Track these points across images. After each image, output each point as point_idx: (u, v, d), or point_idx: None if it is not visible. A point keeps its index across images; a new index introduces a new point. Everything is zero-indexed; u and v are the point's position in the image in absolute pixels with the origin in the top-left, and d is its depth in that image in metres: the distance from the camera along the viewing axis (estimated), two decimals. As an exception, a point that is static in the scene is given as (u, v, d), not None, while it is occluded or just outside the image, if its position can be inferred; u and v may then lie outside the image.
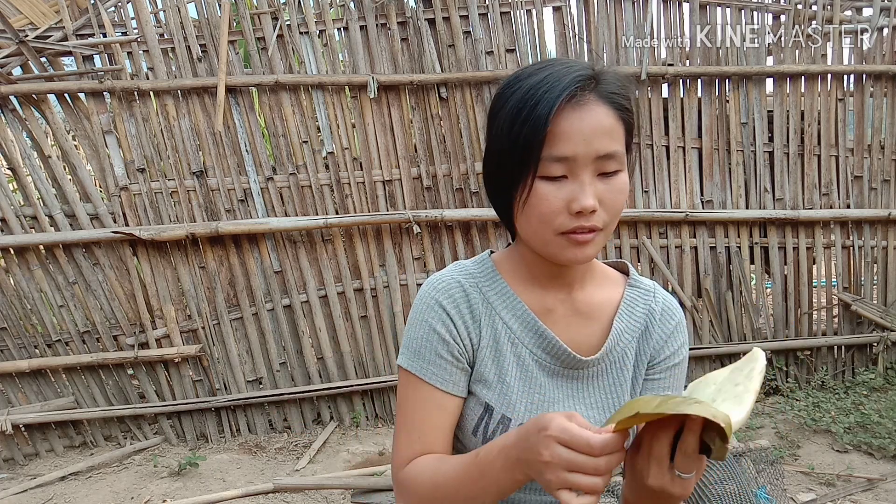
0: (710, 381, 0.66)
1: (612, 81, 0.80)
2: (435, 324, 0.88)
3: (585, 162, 0.78)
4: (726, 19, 3.46)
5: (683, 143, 3.54)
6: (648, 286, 0.97)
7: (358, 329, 3.40)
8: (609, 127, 0.78)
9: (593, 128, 0.77)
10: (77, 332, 3.17)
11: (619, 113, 0.80)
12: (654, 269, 3.55)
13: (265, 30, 3.15)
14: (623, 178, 0.81)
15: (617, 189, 0.80)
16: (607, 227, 0.81)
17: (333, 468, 2.95)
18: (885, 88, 3.62)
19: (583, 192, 0.77)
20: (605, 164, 0.78)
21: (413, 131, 3.36)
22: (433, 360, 0.88)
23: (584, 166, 0.78)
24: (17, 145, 3.03)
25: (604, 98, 0.79)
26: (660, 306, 0.94)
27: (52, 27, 2.97)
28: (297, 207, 3.28)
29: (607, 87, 0.80)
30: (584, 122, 0.77)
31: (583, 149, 0.77)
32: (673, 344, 0.94)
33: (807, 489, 2.60)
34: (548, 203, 0.79)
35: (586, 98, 0.78)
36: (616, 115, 0.79)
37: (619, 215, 0.83)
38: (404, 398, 0.90)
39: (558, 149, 0.77)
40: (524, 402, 0.90)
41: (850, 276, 3.75)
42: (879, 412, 3.09)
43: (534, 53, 3.37)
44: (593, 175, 0.79)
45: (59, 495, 2.79)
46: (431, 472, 0.82)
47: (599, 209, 0.79)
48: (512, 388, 0.90)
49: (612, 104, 0.79)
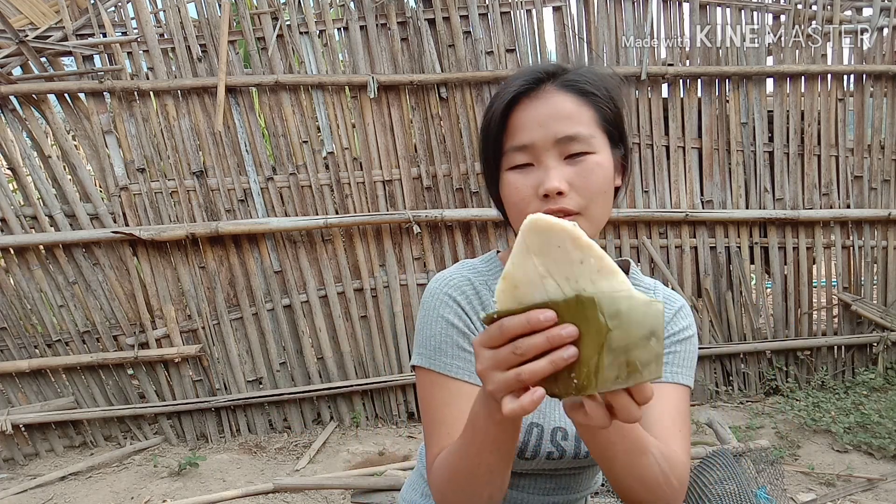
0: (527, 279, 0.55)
1: (577, 73, 0.83)
2: (451, 318, 0.88)
3: (546, 146, 0.80)
4: (726, 19, 3.46)
5: (683, 143, 3.54)
6: (649, 283, 0.97)
7: (358, 329, 3.40)
8: (568, 111, 0.80)
9: (549, 113, 0.80)
10: (77, 332, 3.17)
11: (584, 98, 0.81)
12: (654, 269, 3.55)
13: (265, 30, 3.15)
14: (594, 159, 0.80)
15: (587, 170, 0.80)
16: (585, 210, 0.80)
17: (333, 468, 2.95)
18: (885, 88, 3.62)
19: (547, 175, 0.79)
20: (567, 147, 0.80)
21: (413, 131, 3.36)
22: (456, 353, 0.87)
23: (545, 151, 0.80)
24: (17, 145, 3.03)
25: (563, 87, 0.81)
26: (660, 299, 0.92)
27: (52, 27, 2.97)
28: (297, 207, 3.28)
29: (568, 77, 0.82)
30: (538, 109, 0.81)
31: (540, 134, 0.80)
32: (676, 324, 0.93)
33: (807, 489, 2.60)
34: (517, 191, 0.82)
35: (544, 89, 0.82)
36: (578, 101, 0.81)
37: (597, 198, 0.80)
38: (429, 398, 0.87)
39: (518, 138, 0.81)
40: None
41: (850, 276, 3.75)
42: (879, 412, 3.09)
43: (534, 53, 3.37)
44: (558, 159, 0.80)
45: (59, 495, 2.79)
46: (445, 454, 0.81)
47: (571, 192, 0.79)
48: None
49: (574, 90, 0.81)
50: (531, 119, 0.80)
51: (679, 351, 0.92)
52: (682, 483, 0.80)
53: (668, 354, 0.91)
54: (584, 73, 0.83)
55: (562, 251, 0.53)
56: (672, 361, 0.91)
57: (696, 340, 0.95)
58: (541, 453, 0.89)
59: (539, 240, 0.54)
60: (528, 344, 0.53)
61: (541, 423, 0.90)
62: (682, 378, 0.90)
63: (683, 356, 0.92)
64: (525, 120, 0.81)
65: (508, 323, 0.54)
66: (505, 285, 0.55)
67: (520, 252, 0.54)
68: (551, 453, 0.89)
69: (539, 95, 0.81)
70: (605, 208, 0.84)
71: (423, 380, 0.89)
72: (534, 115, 0.80)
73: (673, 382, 0.89)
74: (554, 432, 0.90)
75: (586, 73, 0.83)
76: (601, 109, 0.82)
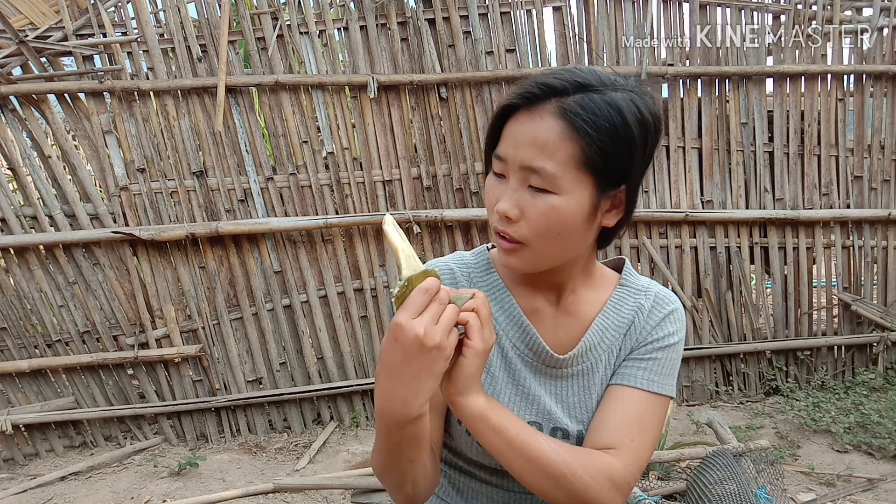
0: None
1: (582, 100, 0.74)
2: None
3: (513, 167, 0.77)
4: (726, 19, 3.46)
5: (683, 143, 3.54)
6: (641, 285, 0.94)
7: (358, 329, 3.40)
8: (543, 140, 0.74)
9: (526, 136, 0.75)
10: (77, 332, 3.17)
11: (574, 133, 0.73)
12: (654, 269, 3.55)
13: (265, 30, 3.15)
14: (552, 200, 0.75)
15: (539, 208, 0.75)
16: (531, 244, 0.78)
17: (333, 468, 2.95)
18: (885, 88, 3.62)
19: (503, 194, 0.78)
20: (530, 177, 0.76)
21: (413, 131, 3.36)
22: None
23: (512, 171, 0.78)
24: (17, 145, 3.03)
25: (558, 112, 0.74)
26: (651, 301, 0.92)
27: (52, 27, 2.97)
28: (297, 207, 3.28)
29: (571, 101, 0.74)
30: (522, 126, 0.76)
31: (511, 152, 0.77)
32: (660, 330, 0.90)
33: (807, 489, 2.60)
34: (488, 196, 0.83)
35: (541, 107, 0.75)
36: (564, 133, 0.73)
37: (546, 237, 0.77)
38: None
39: (499, 147, 0.80)
40: (508, 392, 0.90)
41: (850, 276, 3.75)
42: (879, 412, 3.09)
43: (534, 53, 3.38)
44: (521, 183, 0.77)
45: (59, 495, 2.79)
46: (375, 445, 0.86)
47: (521, 220, 0.77)
48: (497, 378, 0.90)
49: (566, 119, 0.73)
50: (513, 134, 0.78)
51: (659, 358, 0.89)
52: (617, 487, 0.80)
53: (647, 361, 0.88)
54: (588, 104, 0.73)
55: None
56: (650, 368, 0.88)
57: (681, 346, 0.92)
58: None
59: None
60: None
61: (540, 422, 0.90)
62: (656, 387, 0.87)
63: (663, 363, 0.89)
64: (509, 132, 0.79)
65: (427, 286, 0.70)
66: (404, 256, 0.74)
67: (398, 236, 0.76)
68: None
69: (532, 112, 0.76)
70: (559, 249, 0.80)
71: None
72: (516, 131, 0.77)
73: (644, 390, 0.87)
74: (553, 432, 0.90)
75: (592, 103, 0.73)
76: (587, 150, 0.73)
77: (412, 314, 0.68)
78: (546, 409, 0.90)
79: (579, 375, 0.91)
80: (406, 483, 0.83)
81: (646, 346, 0.90)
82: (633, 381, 0.88)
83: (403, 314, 0.68)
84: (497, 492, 0.97)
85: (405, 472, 0.81)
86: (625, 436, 0.83)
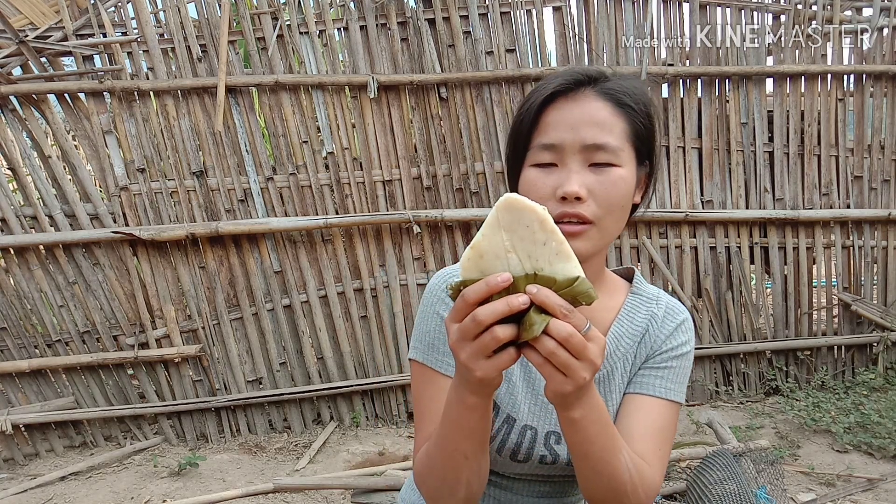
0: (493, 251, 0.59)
1: (618, 82, 0.82)
2: (446, 315, 0.87)
3: (573, 150, 0.79)
4: (726, 19, 3.46)
5: (683, 143, 3.54)
6: (652, 293, 0.96)
7: (358, 329, 3.40)
8: (601, 119, 0.79)
9: (582, 117, 0.79)
10: (77, 332, 3.17)
11: (620, 109, 0.80)
12: (654, 269, 3.55)
13: (265, 30, 3.15)
14: (618, 172, 0.79)
15: (609, 182, 0.79)
16: (600, 221, 0.80)
17: (333, 468, 2.95)
18: (885, 88, 3.62)
19: (568, 178, 0.78)
20: (594, 155, 0.79)
21: (413, 131, 3.36)
22: (448, 351, 0.87)
23: (571, 154, 0.79)
24: (17, 145, 3.03)
25: (601, 93, 0.80)
26: (662, 310, 0.94)
27: (52, 27, 2.97)
28: (297, 207, 3.28)
29: (609, 84, 0.81)
30: (573, 111, 0.80)
31: (569, 136, 0.79)
32: (673, 339, 0.92)
33: (807, 489, 2.60)
34: (536, 189, 0.81)
35: (583, 92, 0.81)
36: (614, 110, 0.80)
37: (613, 211, 0.80)
38: (420, 392, 0.89)
39: (547, 136, 0.80)
40: (528, 403, 0.90)
41: (850, 276, 3.75)
42: (879, 412, 3.09)
43: (534, 53, 3.37)
44: (582, 165, 0.79)
45: (59, 495, 2.79)
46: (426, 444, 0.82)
47: (589, 200, 0.78)
48: (517, 388, 0.90)
49: (611, 99, 0.80)
50: (563, 120, 0.80)
51: (675, 367, 0.91)
52: (648, 496, 0.80)
53: (663, 370, 0.90)
54: (625, 84, 0.82)
55: (529, 231, 0.58)
56: (666, 377, 0.90)
57: (693, 355, 0.95)
58: (534, 456, 0.89)
59: (511, 217, 0.58)
60: (489, 310, 0.57)
61: (535, 426, 0.90)
62: (673, 395, 0.90)
63: (678, 372, 0.91)
64: (557, 119, 0.80)
65: (469, 291, 0.58)
66: (472, 254, 0.59)
67: (490, 226, 0.59)
68: (544, 457, 0.89)
69: (576, 98, 0.81)
70: (619, 223, 0.83)
71: (417, 373, 0.90)
72: (566, 117, 0.80)
73: (663, 398, 0.89)
74: (548, 436, 0.90)
75: (627, 84, 0.82)
76: (634, 124, 0.81)
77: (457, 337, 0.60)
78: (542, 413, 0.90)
79: (597, 383, 0.91)
80: (459, 485, 0.77)
81: (661, 354, 0.91)
82: (651, 389, 0.89)
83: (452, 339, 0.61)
84: (505, 494, 0.97)
85: (459, 470, 0.75)
86: (652, 446, 0.85)
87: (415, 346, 0.91)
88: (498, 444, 0.89)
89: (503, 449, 0.89)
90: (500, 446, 0.89)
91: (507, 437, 0.88)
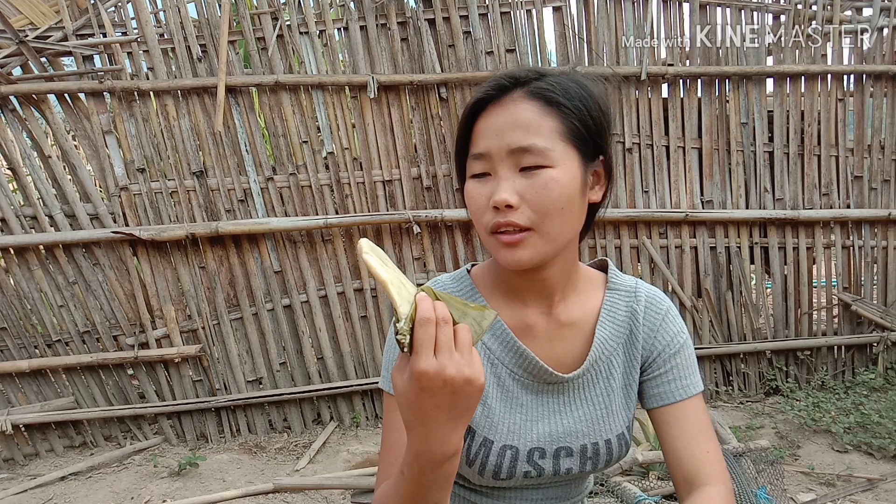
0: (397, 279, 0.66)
1: (548, 80, 0.79)
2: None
3: (500, 156, 0.77)
4: (726, 19, 3.46)
5: (683, 143, 3.54)
6: (629, 286, 0.93)
7: (358, 329, 3.40)
8: (526, 120, 0.76)
9: (507, 122, 0.77)
10: (77, 332, 3.17)
11: (549, 108, 0.77)
12: (654, 269, 3.55)
13: (265, 30, 3.15)
14: (549, 174, 0.76)
15: (540, 184, 0.75)
16: (539, 226, 0.77)
17: (333, 468, 2.95)
18: (885, 88, 3.62)
19: (498, 186, 0.76)
20: (521, 158, 0.76)
21: (413, 131, 3.36)
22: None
23: (499, 161, 0.77)
24: (17, 145, 3.03)
25: (529, 94, 0.78)
26: (642, 305, 0.91)
27: (52, 27, 2.97)
28: (297, 207, 3.28)
29: (539, 83, 0.78)
30: (499, 117, 0.78)
31: (495, 143, 0.77)
32: (664, 335, 0.91)
33: (807, 489, 2.60)
34: (473, 200, 0.80)
35: (510, 96, 0.78)
36: (541, 110, 0.77)
37: (551, 214, 0.76)
38: (386, 421, 0.87)
39: (477, 146, 0.79)
40: (506, 423, 0.88)
41: (850, 276, 3.75)
42: (879, 412, 3.09)
43: (534, 53, 3.37)
44: (513, 170, 0.77)
45: (59, 495, 2.79)
46: (386, 484, 0.78)
47: (523, 206, 0.76)
48: (493, 411, 0.88)
49: (540, 98, 0.77)
50: (490, 127, 0.78)
51: (678, 363, 0.90)
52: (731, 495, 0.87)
53: (670, 371, 0.90)
54: (556, 81, 0.78)
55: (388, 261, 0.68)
56: (677, 376, 0.89)
57: (691, 342, 0.93)
58: (517, 474, 0.88)
59: (378, 253, 0.65)
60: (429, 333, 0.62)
61: (515, 444, 0.88)
62: (692, 389, 0.90)
63: (684, 365, 0.91)
64: (485, 128, 0.78)
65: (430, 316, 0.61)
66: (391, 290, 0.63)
67: (378, 266, 0.64)
68: (528, 472, 0.88)
69: (503, 103, 0.78)
70: (566, 225, 0.79)
71: (387, 404, 0.89)
72: (493, 124, 0.78)
73: (685, 399, 0.90)
74: (531, 453, 0.88)
75: (560, 80, 0.78)
76: (568, 121, 0.77)
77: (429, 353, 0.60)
78: (548, 431, 0.89)
79: (583, 387, 0.90)
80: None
81: (659, 357, 0.90)
82: (672, 397, 0.89)
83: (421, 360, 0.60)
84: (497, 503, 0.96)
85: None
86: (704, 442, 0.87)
87: (384, 374, 0.90)
88: (478, 467, 0.88)
89: (484, 471, 0.88)
90: (481, 469, 0.88)
91: (486, 459, 0.87)
